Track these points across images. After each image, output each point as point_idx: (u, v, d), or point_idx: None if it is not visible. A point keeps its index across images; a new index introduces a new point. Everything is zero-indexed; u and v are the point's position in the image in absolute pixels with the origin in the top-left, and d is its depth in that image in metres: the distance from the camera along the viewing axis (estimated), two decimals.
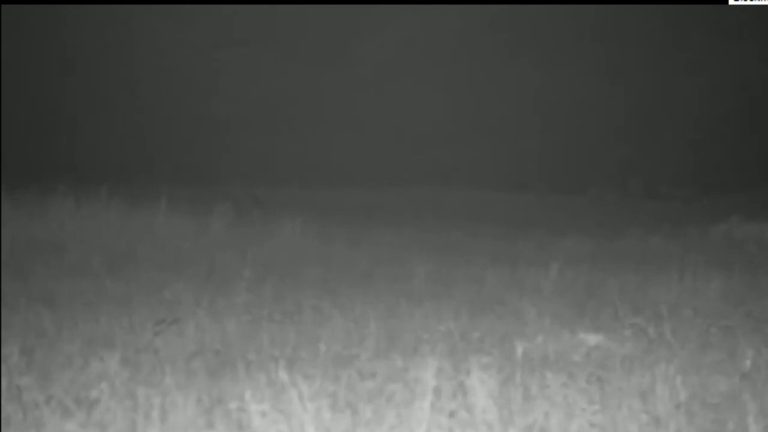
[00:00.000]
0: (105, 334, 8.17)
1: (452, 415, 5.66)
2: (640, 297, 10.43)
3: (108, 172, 23.05)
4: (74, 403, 5.90)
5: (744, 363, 7.15)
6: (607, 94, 30.46)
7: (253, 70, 31.01)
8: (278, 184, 25.98)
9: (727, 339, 8.13)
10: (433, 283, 11.46)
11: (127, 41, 30.56)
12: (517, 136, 30.25)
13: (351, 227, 17.17)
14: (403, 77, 31.09)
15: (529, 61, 31.02)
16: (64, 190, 15.77)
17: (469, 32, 31.20)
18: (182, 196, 18.80)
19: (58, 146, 28.25)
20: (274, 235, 15.21)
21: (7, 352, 6.90)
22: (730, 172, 28.33)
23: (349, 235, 15.78)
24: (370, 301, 9.83)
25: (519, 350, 6.83)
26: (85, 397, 6.06)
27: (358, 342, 7.89)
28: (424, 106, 30.66)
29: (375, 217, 19.96)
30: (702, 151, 29.65)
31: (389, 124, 30.59)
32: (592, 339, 8.01)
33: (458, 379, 6.09)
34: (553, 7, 29.98)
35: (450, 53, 31.24)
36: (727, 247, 16.35)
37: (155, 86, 30.51)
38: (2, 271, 10.91)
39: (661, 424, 5.78)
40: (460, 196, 25.69)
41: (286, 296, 10.11)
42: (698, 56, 30.19)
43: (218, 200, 16.97)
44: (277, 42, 31.31)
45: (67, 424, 5.64)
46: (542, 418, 5.72)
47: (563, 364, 7.13)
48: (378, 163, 29.44)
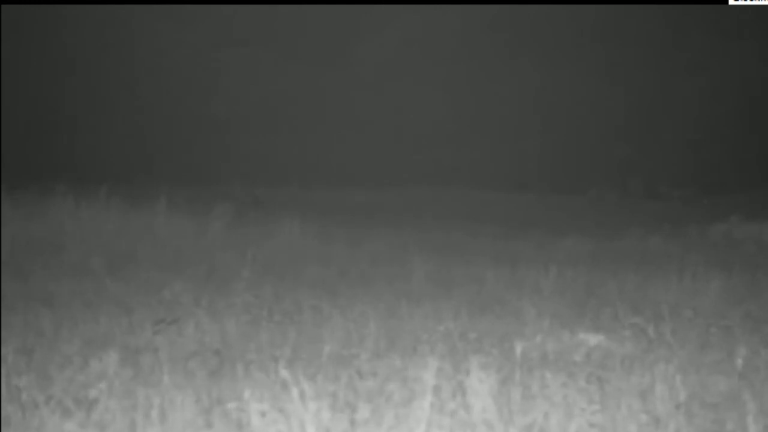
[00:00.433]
0: (104, 334, 8.17)
1: (452, 414, 5.66)
2: (639, 297, 10.43)
3: (108, 172, 23.07)
4: (73, 403, 5.90)
5: (743, 363, 7.14)
6: (607, 94, 30.47)
7: (253, 70, 31.01)
8: (278, 184, 25.99)
9: (726, 339, 8.12)
10: (432, 283, 11.46)
11: (127, 41, 30.56)
12: (517, 136, 30.26)
13: (351, 227, 17.18)
14: (402, 77, 31.09)
15: (529, 61, 31.03)
16: (64, 190, 15.76)
17: (469, 32, 31.20)
18: (182, 196, 18.79)
19: (58, 146, 28.26)
20: (273, 235, 15.20)
21: (6, 352, 6.90)
22: (729, 172, 28.35)
23: (348, 235, 15.78)
24: (370, 301, 9.83)
25: (518, 350, 6.83)
26: (84, 397, 6.05)
27: (358, 342, 7.89)
28: (424, 105, 30.66)
29: (375, 217, 19.97)
30: (701, 151, 29.66)
31: (389, 123, 30.60)
32: (592, 339, 8.01)
33: (458, 379, 6.08)
34: (553, 7, 29.98)
35: (450, 53, 31.23)
36: (727, 247, 16.35)
37: (155, 86, 30.51)
38: (1, 271, 10.90)
39: (661, 424, 5.77)
40: (460, 196, 25.70)
41: (285, 296, 10.10)
42: (698, 56, 30.18)
43: (218, 200, 16.96)
44: (276, 42, 31.31)
45: (67, 423, 5.63)
46: (542, 418, 5.71)
47: (563, 364, 7.13)
48: (377, 163, 29.45)
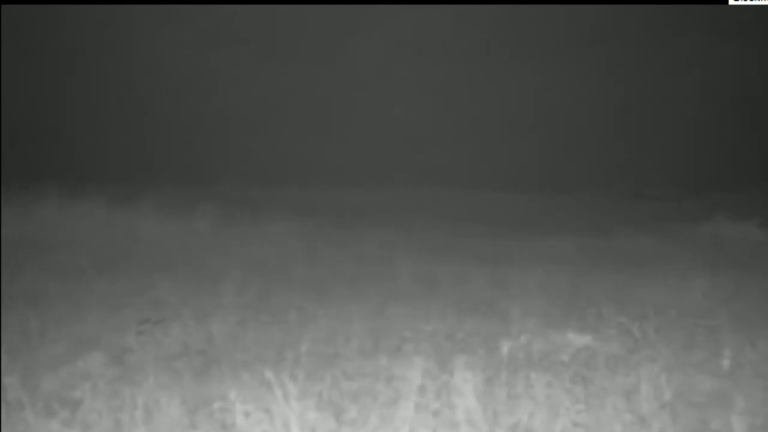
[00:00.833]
0: (89, 334, 8.16)
1: (436, 414, 5.67)
2: (625, 296, 10.44)
3: (101, 172, 23.05)
4: (58, 403, 5.90)
5: (728, 363, 7.17)
6: (598, 95, 30.46)
7: (247, 71, 30.95)
8: (268, 184, 25.96)
9: (712, 339, 8.14)
10: (419, 283, 11.46)
11: (127, 41, 30.52)
12: (509, 137, 30.25)
13: (341, 227, 17.18)
14: (396, 77, 31.07)
15: (520, 62, 31.00)
16: (55, 190, 15.75)
17: (468, 32, 31.20)
18: (171, 196, 18.79)
19: (53, 146, 28.16)
20: (262, 236, 15.20)
21: None
22: (717, 173, 28.38)
23: (338, 236, 15.78)
24: (357, 301, 9.84)
25: (504, 350, 6.84)
26: (69, 397, 6.05)
27: (344, 342, 7.89)
28: (417, 105, 30.65)
29: (365, 217, 19.96)
30: (691, 152, 29.70)
31: (382, 123, 30.56)
32: (577, 339, 8.02)
33: (443, 379, 6.10)
34: (553, 7, 29.89)
35: (443, 53, 31.23)
36: (714, 246, 16.39)
37: (153, 86, 30.47)
38: None
39: (646, 424, 5.79)
40: (450, 196, 25.69)
41: (272, 297, 10.10)
42: (698, 56, 30.19)
43: (207, 200, 16.95)
44: (270, 41, 31.25)
45: (51, 423, 5.63)
46: (527, 418, 5.72)
47: (548, 364, 7.14)
48: (367, 163, 29.42)
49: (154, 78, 30.56)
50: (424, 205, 23.45)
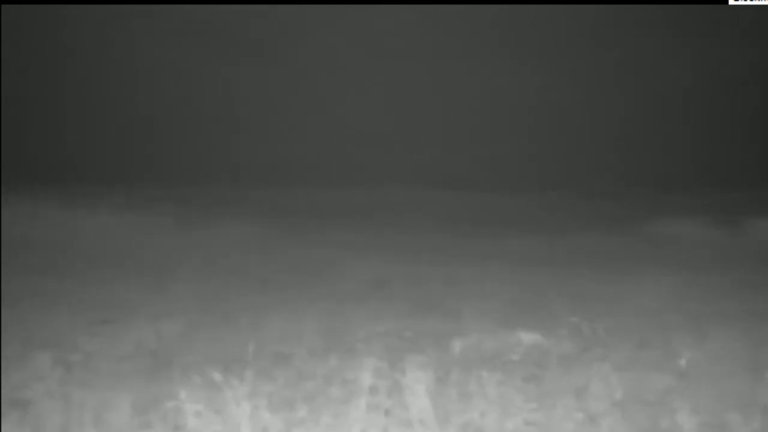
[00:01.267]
0: (39, 334, 8.07)
1: (388, 413, 5.66)
2: (577, 295, 10.48)
3: (53, 173, 22.87)
4: (7, 404, 5.83)
5: (680, 362, 7.21)
6: (576, 97, 30.59)
7: (233, 73, 30.79)
8: (232, 185, 25.87)
9: (664, 337, 8.19)
10: (374, 283, 11.45)
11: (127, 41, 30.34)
12: (491, 138, 30.33)
13: (301, 229, 17.15)
14: (380, 77, 31.05)
15: (522, 63, 31.06)
16: (30, 191, 15.63)
17: (468, 32, 31.22)
18: (130, 196, 18.68)
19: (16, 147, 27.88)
20: (221, 237, 15.14)
21: None
22: (685, 175, 28.53)
23: (297, 237, 15.75)
24: (311, 302, 9.81)
25: (456, 349, 6.84)
26: (18, 398, 5.99)
27: (296, 342, 7.86)
28: (394, 106, 30.68)
29: (325, 219, 19.91)
30: (662, 152, 29.87)
31: (364, 124, 30.52)
32: (529, 337, 8.03)
33: (394, 378, 6.08)
34: (552, 7, 29.88)
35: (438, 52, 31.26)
36: (671, 246, 16.49)
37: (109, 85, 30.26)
38: None
39: (596, 422, 5.81)
40: (415, 196, 25.65)
41: (226, 297, 10.06)
42: (698, 56, 30.33)
43: (168, 201, 16.88)
44: (248, 42, 31.11)
45: (2, 425, 5.57)
46: (478, 417, 5.72)
47: (499, 363, 7.14)
48: (333, 163, 29.40)
49: (113, 77, 30.38)
50: (390, 206, 23.42)
